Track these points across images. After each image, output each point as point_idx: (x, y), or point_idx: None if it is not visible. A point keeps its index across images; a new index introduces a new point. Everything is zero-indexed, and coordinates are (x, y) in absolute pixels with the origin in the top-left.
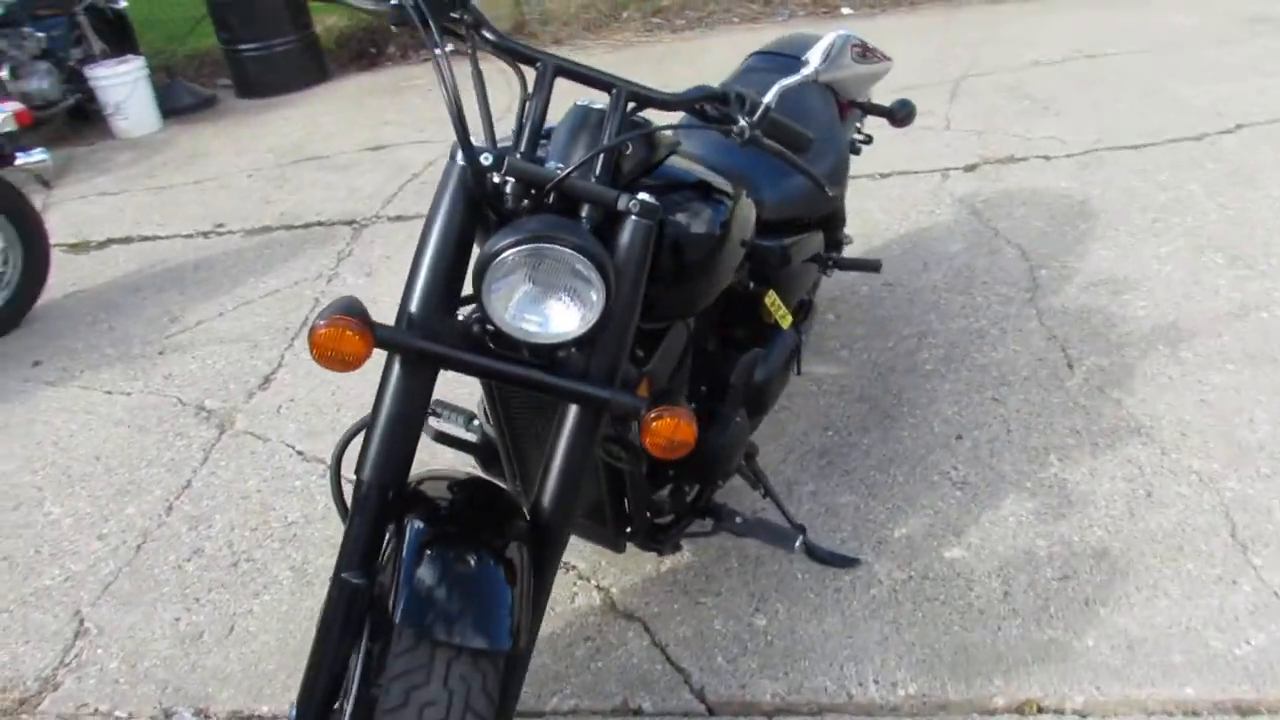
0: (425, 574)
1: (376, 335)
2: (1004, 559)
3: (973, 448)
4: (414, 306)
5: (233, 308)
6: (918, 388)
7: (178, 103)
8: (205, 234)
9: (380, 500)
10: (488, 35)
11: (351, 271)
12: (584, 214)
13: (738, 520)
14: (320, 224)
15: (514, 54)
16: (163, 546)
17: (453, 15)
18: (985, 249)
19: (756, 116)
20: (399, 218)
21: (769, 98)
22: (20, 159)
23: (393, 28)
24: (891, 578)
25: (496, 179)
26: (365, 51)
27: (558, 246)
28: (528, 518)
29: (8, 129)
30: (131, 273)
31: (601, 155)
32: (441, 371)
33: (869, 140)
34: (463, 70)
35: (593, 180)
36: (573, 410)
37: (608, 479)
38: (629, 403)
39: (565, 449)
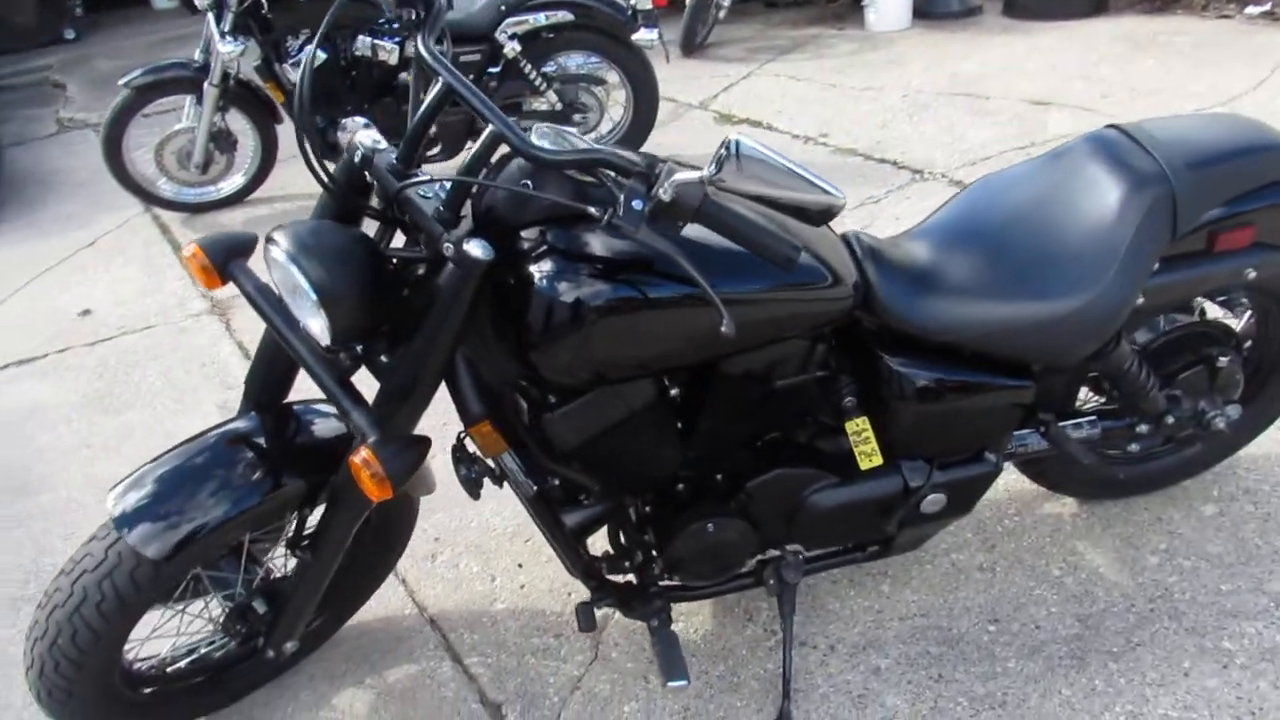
0: None
1: (221, 276)
2: None
3: None
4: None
5: None
6: None
7: (943, 8)
8: (806, 139)
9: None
10: (423, 38)
11: (861, 220)
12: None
13: (653, 623)
14: (893, 164)
15: (419, 62)
16: None
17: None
18: None
19: (638, 207)
20: (959, 184)
21: (680, 178)
22: (641, 34)
23: None
24: None
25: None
26: None
27: (284, 260)
28: None
29: (644, 6)
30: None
31: (474, 188)
32: None
33: None
34: None
35: (438, 211)
36: None
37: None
38: (357, 425)
39: None
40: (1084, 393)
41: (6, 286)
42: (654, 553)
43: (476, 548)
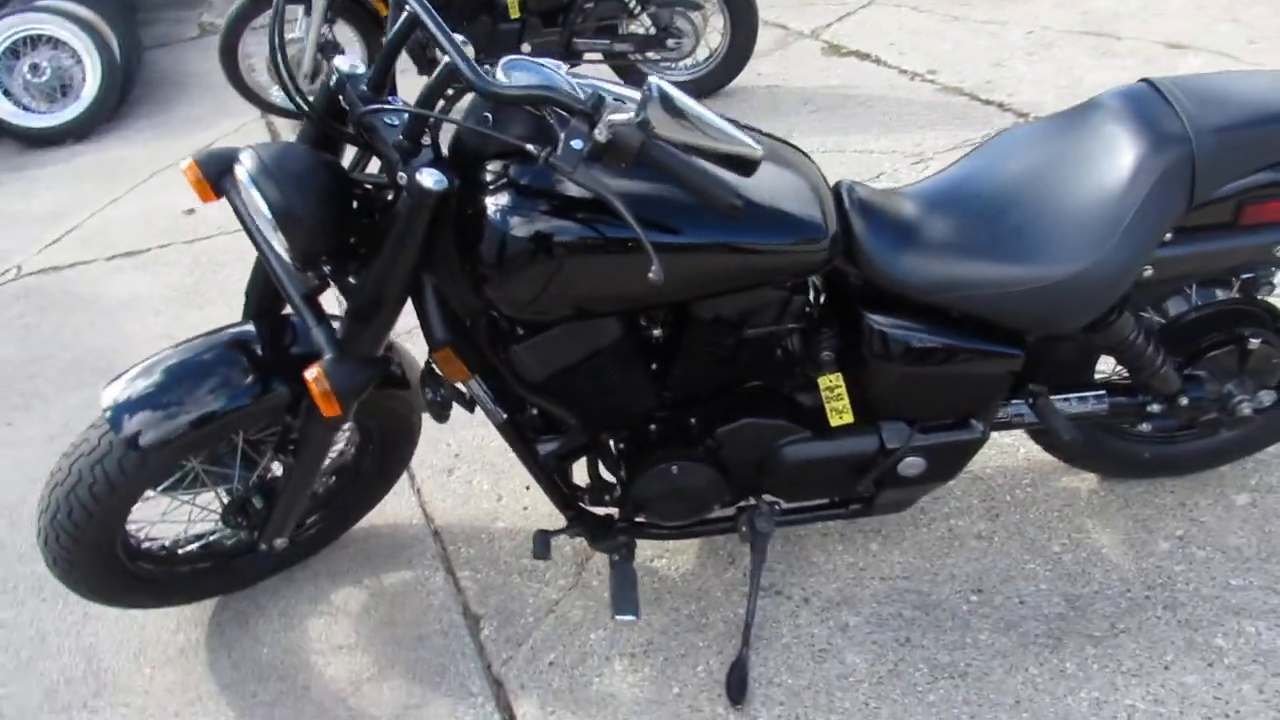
0: None
1: (214, 190)
2: None
3: None
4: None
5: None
6: None
7: None
8: (914, 75)
9: None
10: None
11: (934, 162)
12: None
13: (614, 557)
14: (999, 106)
15: None
16: None
17: None
18: None
19: (577, 147)
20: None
21: (616, 118)
22: None
23: None
24: None
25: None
26: None
27: (246, 181)
28: None
29: None
30: (818, 86)
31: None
32: None
33: None
34: None
35: (398, 140)
36: None
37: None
38: (316, 342)
39: None
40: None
41: (129, 182)
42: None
43: (491, 466)
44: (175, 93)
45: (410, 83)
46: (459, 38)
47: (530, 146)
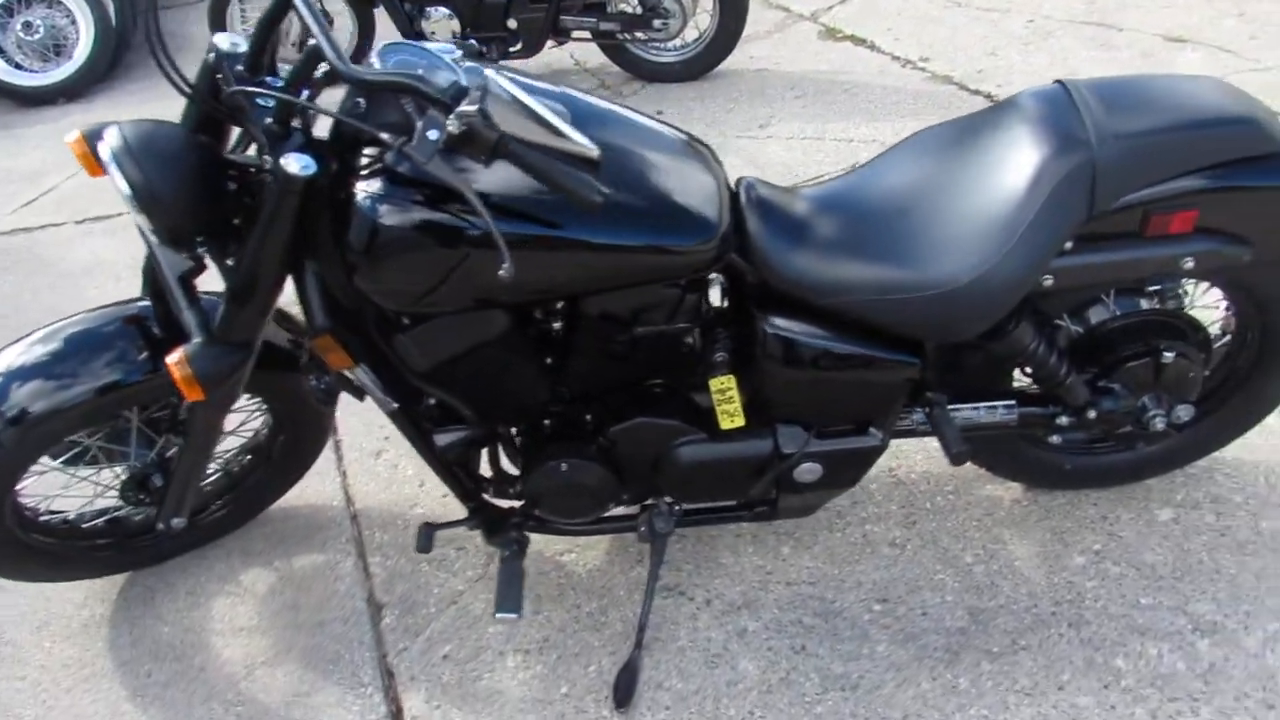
0: None
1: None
2: None
3: None
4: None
5: (806, 136)
6: None
7: None
8: (905, 63)
9: None
10: None
11: None
12: None
13: (504, 553)
14: (986, 97)
15: None
16: None
17: None
18: None
19: (433, 138)
20: None
21: (465, 109)
22: None
23: None
24: None
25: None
26: None
27: (109, 159)
28: None
29: None
30: (808, 71)
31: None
32: None
33: None
34: None
35: (267, 123)
36: None
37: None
38: (185, 325)
39: None
40: None
41: None
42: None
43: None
44: (175, 55)
45: None
46: (442, 10)
47: (385, 135)
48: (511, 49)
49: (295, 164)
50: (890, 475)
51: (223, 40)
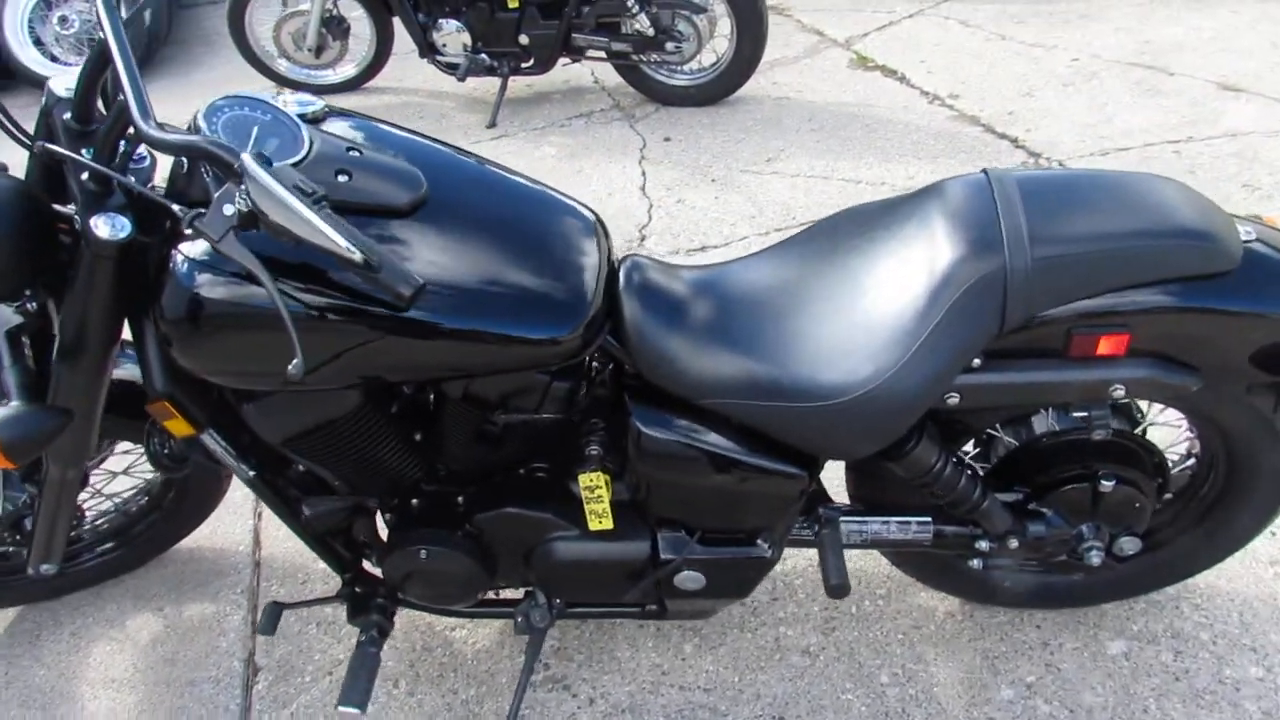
0: None
1: None
2: None
3: None
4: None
5: (807, 173)
6: None
7: None
8: (934, 98)
9: None
10: None
11: None
12: None
13: (362, 637)
14: (1012, 142)
15: None
16: None
17: None
18: None
19: (228, 213)
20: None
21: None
22: None
23: None
24: None
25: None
26: None
27: None
28: None
29: None
30: (830, 102)
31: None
32: None
33: None
34: None
35: (82, 180)
36: None
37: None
38: (4, 384)
39: None
40: None
41: None
42: None
43: None
44: (204, 54)
45: (414, 66)
46: (454, 23)
47: (176, 207)
48: (523, 65)
49: (106, 227)
50: (816, 570)
51: (58, 85)
